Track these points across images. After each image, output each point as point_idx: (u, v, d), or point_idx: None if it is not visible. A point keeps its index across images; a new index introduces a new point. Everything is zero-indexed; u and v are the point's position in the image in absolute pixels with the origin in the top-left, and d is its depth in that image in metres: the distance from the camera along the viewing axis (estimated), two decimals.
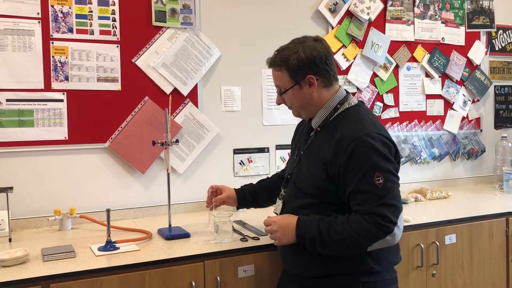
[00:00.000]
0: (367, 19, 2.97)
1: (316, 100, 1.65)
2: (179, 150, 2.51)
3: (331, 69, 1.64)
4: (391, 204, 1.47)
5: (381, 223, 1.45)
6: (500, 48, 3.52)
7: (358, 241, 1.47)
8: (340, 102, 1.65)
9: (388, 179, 1.49)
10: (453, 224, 2.28)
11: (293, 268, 1.68)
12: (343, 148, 1.51)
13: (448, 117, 3.31)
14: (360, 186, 1.48)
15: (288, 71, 1.63)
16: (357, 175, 1.48)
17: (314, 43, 1.63)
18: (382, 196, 1.46)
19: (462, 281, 2.30)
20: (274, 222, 1.62)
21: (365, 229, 1.45)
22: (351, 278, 1.56)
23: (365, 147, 1.49)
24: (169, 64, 2.47)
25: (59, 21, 2.25)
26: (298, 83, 1.63)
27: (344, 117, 1.62)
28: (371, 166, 1.48)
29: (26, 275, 1.54)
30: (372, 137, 1.51)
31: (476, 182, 3.40)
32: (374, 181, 1.47)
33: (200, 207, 2.54)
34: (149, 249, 1.83)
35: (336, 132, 1.57)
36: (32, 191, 2.22)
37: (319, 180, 1.57)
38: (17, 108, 2.19)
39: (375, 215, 1.45)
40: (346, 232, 1.48)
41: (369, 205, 1.46)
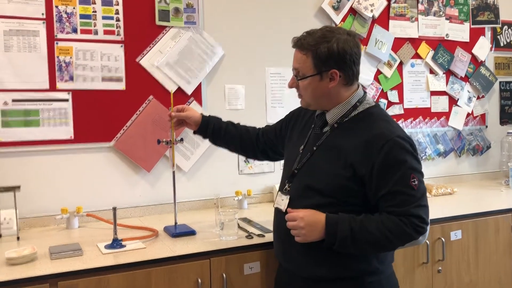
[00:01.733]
0: (370, 16, 2.96)
1: (333, 96, 1.57)
2: (183, 149, 2.52)
3: (357, 69, 1.57)
4: (424, 205, 1.48)
5: (418, 224, 1.45)
6: (505, 44, 3.50)
7: (393, 242, 1.47)
8: (359, 101, 1.60)
9: (421, 180, 1.49)
10: (458, 220, 2.27)
11: (298, 270, 1.62)
12: (377, 149, 1.47)
13: (453, 113, 3.31)
14: (396, 188, 1.46)
15: (313, 58, 1.53)
16: (393, 176, 1.46)
17: (348, 37, 1.54)
18: (418, 198, 1.47)
19: (468, 277, 2.30)
20: (301, 218, 1.50)
21: (402, 230, 1.45)
22: (357, 280, 1.55)
23: (400, 148, 1.48)
24: (173, 63, 2.48)
25: (64, 21, 2.27)
26: (320, 74, 1.54)
27: (368, 117, 1.57)
28: (408, 168, 1.47)
29: (34, 273, 1.55)
30: (404, 139, 1.50)
31: (482, 178, 3.39)
32: (410, 183, 1.46)
33: (206, 205, 2.55)
34: (155, 246, 1.84)
35: (362, 131, 1.52)
36: (39, 190, 2.24)
37: (342, 179, 1.51)
38: (23, 108, 2.20)
39: (413, 216, 1.45)
40: (381, 233, 1.45)
41: (406, 207, 1.45)
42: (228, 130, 1.99)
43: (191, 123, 1.98)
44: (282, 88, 2.77)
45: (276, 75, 2.76)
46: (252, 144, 2.00)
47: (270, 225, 2.06)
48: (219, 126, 1.99)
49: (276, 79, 2.76)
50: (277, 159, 2.02)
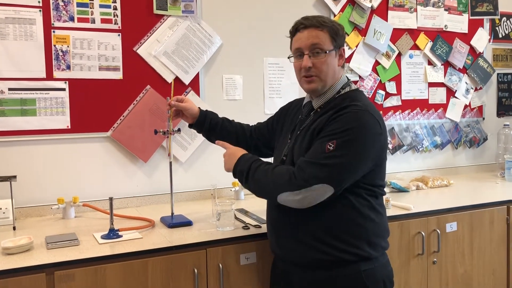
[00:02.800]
0: (369, 7, 2.95)
1: (336, 76, 1.65)
2: (181, 139, 2.52)
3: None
4: (319, 168, 1.43)
5: (295, 175, 1.46)
6: (504, 36, 3.49)
7: (269, 184, 1.51)
8: (342, 87, 1.65)
9: (337, 152, 1.44)
10: (454, 212, 2.29)
11: (289, 256, 1.64)
12: (334, 115, 1.52)
13: (450, 105, 3.31)
14: (315, 144, 1.50)
15: (331, 33, 1.60)
16: (323, 135, 1.50)
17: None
18: (317, 158, 1.45)
19: (463, 269, 2.31)
20: (228, 148, 1.73)
21: (281, 175, 1.49)
22: (351, 268, 1.55)
23: (353, 118, 1.49)
24: (171, 52, 2.46)
25: (60, 9, 2.24)
26: (336, 50, 1.63)
27: (345, 98, 1.61)
28: (337, 133, 1.46)
29: (30, 263, 1.56)
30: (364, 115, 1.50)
31: (478, 170, 3.40)
32: (326, 144, 1.46)
33: (203, 196, 2.55)
34: (152, 237, 1.84)
35: (334, 108, 1.57)
36: (36, 180, 2.24)
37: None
38: (19, 97, 2.19)
39: (298, 167, 1.47)
40: (267, 174, 1.53)
41: (303, 158, 1.49)
42: (224, 126, 2.00)
43: (188, 115, 1.98)
44: (280, 79, 2.76)
45: (275, 66, 2.75)
46: (246, 140, 2.01)
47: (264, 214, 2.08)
48: (215, 121, 1.99)
49: (275, 70, 2.75)
50: (270, 155, 2.02)
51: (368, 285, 1.55)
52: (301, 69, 1.63)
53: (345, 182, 1.48)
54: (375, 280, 1.58)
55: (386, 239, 1.66)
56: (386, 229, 1.67)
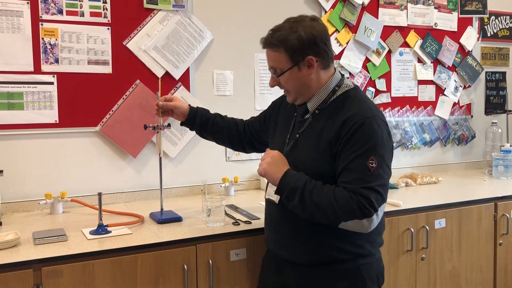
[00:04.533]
0: (360, 4, 2.95)
1: (314, 83, 1.60)
2: (171, 134, 2.50)
3: (330, 50, 1.59)
4: (377, 191, 1.44)
5: (364, 204, 1.43)
6: (492, 34, 3.52)
7: (337, 212, 1.44)
8: (337, 85, 1.62)
9: (381, 166, 1.46)
10: (443, 209, 2.30)
11: (288, 255, 1.63)
12: (348, 126, 1.48)
13: (439, 102, 3.33)
14: (352, 165, 1.46)
15: (287, 51, 1.55)
16: (353, 153, 1.46)
17: (312, 22, 1.57)
18: (371, 181, 1.45)
19: (451, 265, 2.34)
20: (272, 153, 1.60)
21: (348, 204, 1.43)
22: (350, 263, 1.56)
23: (369, 128, 1.47)
24: (161, 47, 2.44)
25: (49, 2, 2.21)
26: (297, 65, 1.56)
27: (347, 99, 1.58)
28: (369, 148, 1.46)
29: (17, 259, 1.53)
30: (377, 122, 1.50)
31: (466, 168, 3.43)
32: (367, 163, 1.45)
33: (193, 192, 2.54)
34: (141, 232, 1.83)
35: (340, 113, 1.53)
36: (23, 175, 2.20)
37: (324, 163, 1.53)
38: (6, 91, 2.15)
39: (361, 196, 1.43)
40: (329, 199, 1.45)
41: (357, 185, 1.44)
42: (216, 122, 1.98)
43: (178, 113, 1.96)
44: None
45: (265, 61, 2.70)
46: (239, 135, 2.00)
47: (257, 211, 2.08)
48: (206, 117, 1.97)
49: (265, 66, 2.74)
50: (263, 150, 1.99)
51: (365, 278, 1.57)
52: None
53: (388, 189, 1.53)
54: (371, 274, 1.59)
55: (381, 235, 1.67)
56: (383, 224, 1.68)
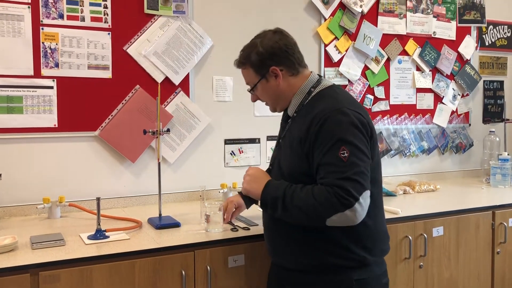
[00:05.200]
0: (359, 12, 2.97)
1: (286, 90, 1.65)
2: (170, 140, 2.50)
3: (294, 57, 1.64)
4: (353, 179, 1.43)
5: (342, 195, 1.41)
6: (490, 44, 3.54)
7: (318, 209, 1.43)
8: (313, 86, 1.64)
9: (353, 154, 1.45)
10: (440, 217, 2.30)
11: (283, 261, 1.65)
12: (315, 123, 1.50)
13: (437, 111, 3.34)
14: (325, 159, 1.47)
15: (252, 67, 1.65)
16: (324, 148, 1.47)
17: (273, 35, 1.65)
18: (345, 171, 1.43)
19: (449, 273, 2.33)
20: (252, 169, 1.70)
21: (326, 198, 1.43)
22: (344, 274, 1.54)
23: (334, 120, 1.48)
24: (161, 52, 2.45)
25: (50, 6, 2.22)
26: (264, 77, 1.64)
27: (319, 98, 1.60)
28: (338, 139, 1.45)
29: (14, 263, 1.53)
30: (343, 112, 1.49)
31: (464, 176, 3.44)
32: (339, 154, 1.44)
33: (191, 197, 2.54)
34: (139, 238, 1.82)
35: (311, 112, 1.55)
36: (21, 179, 2.20)
37: (300, 164, 1.55)
38: (5, 95, 2.15)
39: (337, 187, 1.42)
40: (308, 199, 1.45)
41: (331, 178, 1.44)
42: None
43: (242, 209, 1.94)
44: None
45: None
46: None
47: (255, 218, 2.08)
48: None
49: None
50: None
51: None
52: None
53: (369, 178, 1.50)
54: None
55: (386, 241, 1.65)
56: (383, 231, 1.65)
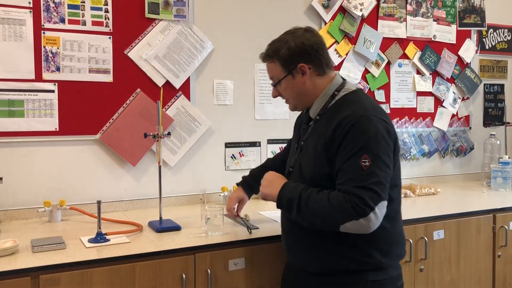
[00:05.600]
0: (360, 15, 2.98)
1: (310, 89, 1.64)
2: (170, 143, 2.50)
3: (323, 57, 1.63)
4: (371, 189, 1.42)
5: (358, 204, 1.41)
6: (490, 47, 3.55)
7: (331, 214, 1.43)
8: (337, 89, 1.63)
9: (375, 163, 1.44)
10: (441, 220, 2.30)
11: (298, 262, 1.65)
12: (341, 128, 1.49)
13: (438, 114, 3.34)
14: (345, 166, 1.46)
15: (280, 61, 1.63)
16: (346, 154, 1.46)
17: (305, 33, 1.64)
18: (364, 180, 1.42)
19: (449, 276, 2.33)
20: (267, 174, 1.69)
21: (341, 205, 1.42)
22: (360, 276, 1.54)
23: (361, 127, 1.47)
24: (162, 56, 2.46)
25: (51, 11, 2.23)
26: (291, 73, 1.62)
27: (344, 102, 1.59)
28: (361, 147, 1.45)
29: (15, 266, 1.53)
30: (370, 119, 1.48)
31: (464, 179, 3.43)
32: (360, 162, 1.44)
33: (192, 201, 2.54)
34: (139, 241, 1.82)
35: (336, 116, 1.54)
36: (22, 182, 2.21)
37: (323, 168, 1.54)
38: (7, 98, 2.16)
39: (354, 195, 1.42)
40: (323, 203, 1.45)
41: (349, 185, 1.44)
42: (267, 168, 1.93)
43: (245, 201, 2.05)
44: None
45: (265, 72, 2.72)
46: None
47: (256, 221, 2.09)
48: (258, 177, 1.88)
49: (265, 76, 2.74)
50: None
51: None
52: None
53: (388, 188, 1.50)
54: None
55: (402, 245, 1.65)
56: (400, 234, 1.65)
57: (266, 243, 1.89)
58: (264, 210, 2.35)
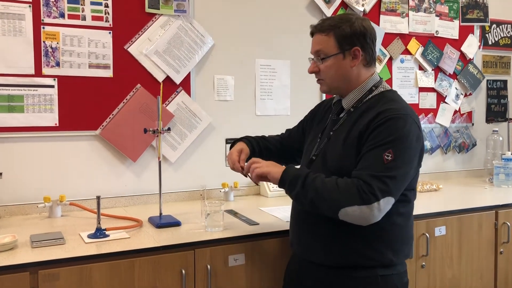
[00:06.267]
0: (361, 11, 2.96)
1: (353, 77, 1.61)
2: (171, 139, 2.50)
3: (374, 50, 1.63)
4: (383, 181, 1.41)
5: (364, 190, 1.40)
6: (493, 43, 3.52)
7: (335, 194, 1.42)
8: (375, 85, 1.63)
9: (397, 161, 1.43)
10: (443, 216, 2.29)
11: (310, 255, 1.62)
12: (377, 120, 1.48)
13: (440, 110, 3.33)
14: (368, 154, 1.46)
15: (336, 37, 1.57)
16: (373, 144, 1.46)
17: (366, 20, 1.64)
18: (379, 170, 1.42)
19: (451, 273, 2.32)
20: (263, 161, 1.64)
21: (347, 187, 1.42)
22: (369, 271, 1.54)
23: (396, 123, 1.47)
24: (162, 51, 2.44)
25: (51, 5, 2.22)
26: (343, 52, 1.58)
27: (382, 98, 1.59)
28: (389, 142, 1.44)
29: (14, 261, 1.52)
30: (406, 120, 1.48)
31: (467, 176, 3.42)
32: (383, 155, 1.43)
33: (192, 197, 2.53)
34: (139, 237, 1.82)
35: (373, 110, 1.53)
36: (22, 178, 2.20)
37: (348, 156, 1.52)
38: (6, 93, 2.16)
39: (363, 180, 1.41)
40: (330, 184, 1.45)
41: (362, 172, 1.43)
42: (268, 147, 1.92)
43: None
44: (272, 80, 2.76)
45: (266, 67, 2.74)
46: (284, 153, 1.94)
47: (256, 217, 2.08)
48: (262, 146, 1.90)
49: (266, 71, 2.74)
50: None
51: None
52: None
53: (402, 190, 1.49)
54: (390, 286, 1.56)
55: (410, 245, 1.65)
56: (411, 235, 1.65)
57: (266, 239, 1.88)
58: (264, 206, 2.34)
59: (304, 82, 2.81)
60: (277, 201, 2.45)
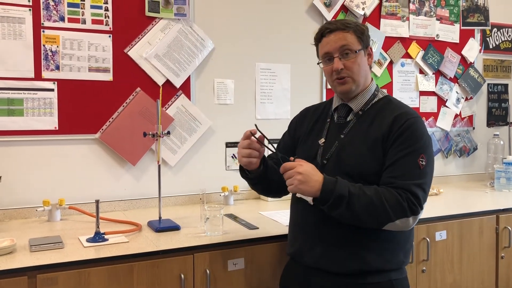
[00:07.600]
0: (362, 14, 2.96)
1: (368, 76, 1.66)
2: (170, 143, 2.49)
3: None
4: (424, 190, 1.46)
5: (414, 202, 1.43)
6: (494, 46, 3.52)
7: (387, 211, 1.41)
8: (376, 89, 1.67)
9: (429, 165, 1.49)
10: (444, 221, 2.28)
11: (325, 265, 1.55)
12: (399, 123, 1.51)
13: (441, 114, 3.32)
14: (402, 161, 1.47)
15: (356, 33, 1.60)
16: (404, 149, 1.48)
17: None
18: (420, 178, 1.46)
19: (452, 277, 2.30)
20: (301, 165, 1.45)
21: (398, 202, 1.42)
22: (383, 276, 1.53)
23: (419, 128, 1.52)
24: (162, 55, 2.44)
25: (51, 9, 2.22)
26: (364, 49, 1.62)
27: (389, 102, 1.63)
28: (420, 147, 1.49)
29: (12, 265, 1.52)
30: (423, 123, 1.55)
31: (468, 180, 3.41)
32: (418, 161, 1.47)
33: (191, 201, 2.52)
34: (138, 241, 1.81)
35: (387, 112, 1.57)
36: (21, 181, 2.20)
37: (371, 160, 1.51)
38: (6, 97, 2.15)
39: (411, 193, 1.43)
40: (378, 198, 1.42)
41: (407, 181, 1.44)
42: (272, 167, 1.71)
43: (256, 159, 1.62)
44: (272, 84, 2.75)
45: (266, 71, 2.74)
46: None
47: (256, 221, 2.07)
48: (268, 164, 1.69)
49: (266, 75, 2.74)
50: None
51: None
52: (332, 72, 1.60)
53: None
54: None
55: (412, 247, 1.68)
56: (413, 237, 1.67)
57: (265, 243, 1.87)
58: (264, 211, 2.33)
59: (305, 85, 2.80)
60: (277, 205, 2.44)
